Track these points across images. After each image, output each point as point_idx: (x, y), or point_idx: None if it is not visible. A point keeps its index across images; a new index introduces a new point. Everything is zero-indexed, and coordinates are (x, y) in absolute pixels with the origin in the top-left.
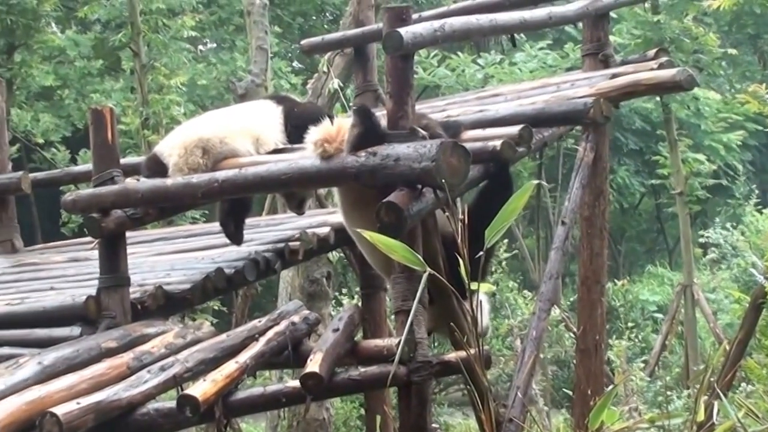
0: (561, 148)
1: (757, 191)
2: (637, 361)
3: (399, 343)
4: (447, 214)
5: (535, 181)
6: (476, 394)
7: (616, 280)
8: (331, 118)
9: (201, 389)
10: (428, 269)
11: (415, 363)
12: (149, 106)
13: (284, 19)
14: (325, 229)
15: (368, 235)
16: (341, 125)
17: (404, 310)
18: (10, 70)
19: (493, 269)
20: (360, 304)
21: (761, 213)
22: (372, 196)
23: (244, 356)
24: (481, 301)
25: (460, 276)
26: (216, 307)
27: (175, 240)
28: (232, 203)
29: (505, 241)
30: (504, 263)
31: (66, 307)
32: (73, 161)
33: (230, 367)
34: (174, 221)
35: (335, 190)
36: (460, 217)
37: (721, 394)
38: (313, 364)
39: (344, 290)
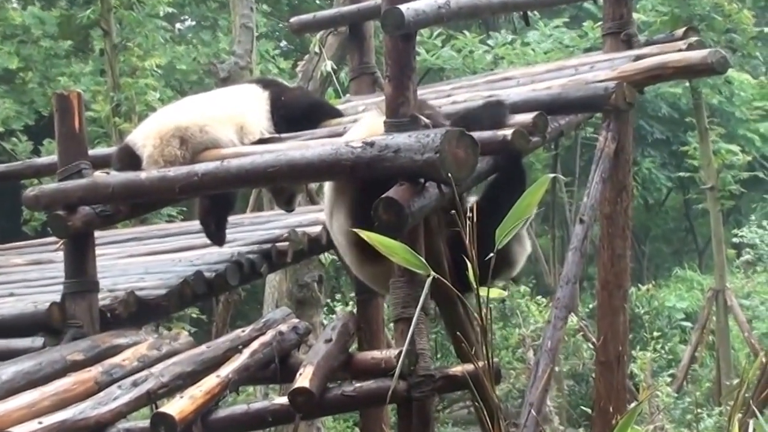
0: (579, 137)
1: None
2: (664, 374)
3: (399, 354)
4: (453, 211)
5: (551, 175)
6: (484, 412)
7: (640, 285)
8: (323, 104)
9: (178, 407)
10: (432, 273)
11: (416, 377)
12: (121, 91)
13: None
14: (317, 229)
15: (366, 235)
16: (372, 124)
17: (405, 318)
18: None
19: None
20: (355, 311)
21: None
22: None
23: (226, 370)
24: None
25: (468, 280)
26: (194, 315)
27: (150, 240)
28: (214, 199)
29: None
30: None
31: (27, 315)
32: (36, 152)
33: (210, 382)
34: (148, 219)
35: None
36: (468, 214)
37: (757, 412)
38: (303, 379)
39: (337, 296)
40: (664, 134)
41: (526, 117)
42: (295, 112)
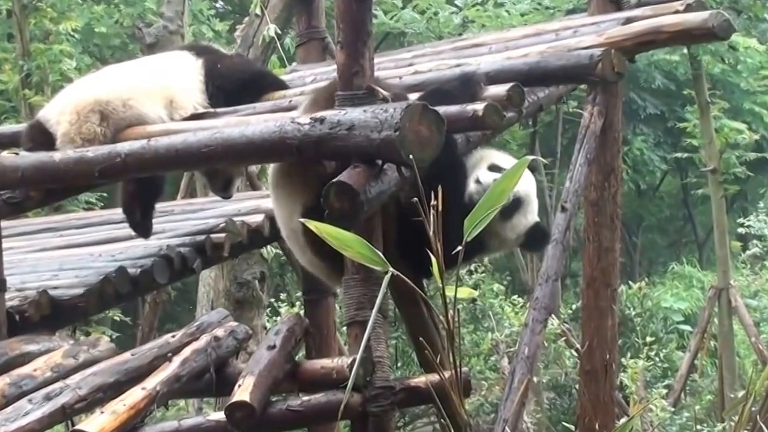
0: (560, 113)
1: None
2: (658, 386)
3: (352, 363)
4: (415, 198)
5: (529, 157)
6: (451, 429)
7: (631, 283)
8: (265, 74)
9: (98, 423)
10: (391, 269)
11: (372, 389)
12: (32, 59)
13: None
14: (258, 218)
15: (314, 225)
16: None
17: (359, 321)
18: None
19: (473, 268)
20: (303, 313)
21: None
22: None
23: (154, 381)
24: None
25: (430, 275)
26: (117, 318)
27: (65, 231)
28: (139, 184)
29: None
30: (487, 261)
31: None
32: None
33: (135, 394)
34: (63, 207)
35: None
36: (433, 202)
37: (765, 429)
38: (243, 392)
39: (282, 296)
40: (659, 109)
41: (500, 89)
42: (233, 84)
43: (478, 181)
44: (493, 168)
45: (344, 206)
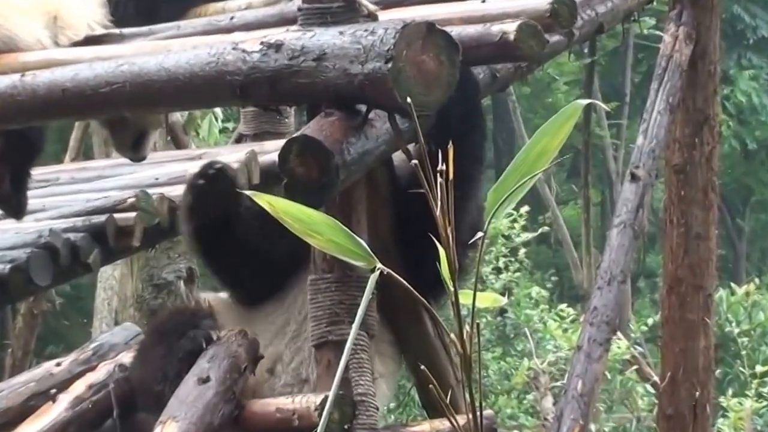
0: (630, 36)
1: None
2: None
3: (323, 403)
4: (414, 162)
5: (583, 101)
6: None
7: (734, 286)
8: None
9: None
10: (380, 265)
11: None
12: None
13: None
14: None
15: (266, 200)
16: None
17: (333, 342)
18: None
19: (502, 264)
20: None
21: None
22: None
23: (31, 430)
24: None
25: (440, 279)
26: None
27: None
28: (8, 139)
29: (523, 208)
30: (522, 253)
31: None
32: None
33: None
34: None
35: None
36: (441, 167)
37: None
38: None
39: None
40: None
41: (540, 1)
42: None
43: None
44: None
45: (311, 173)
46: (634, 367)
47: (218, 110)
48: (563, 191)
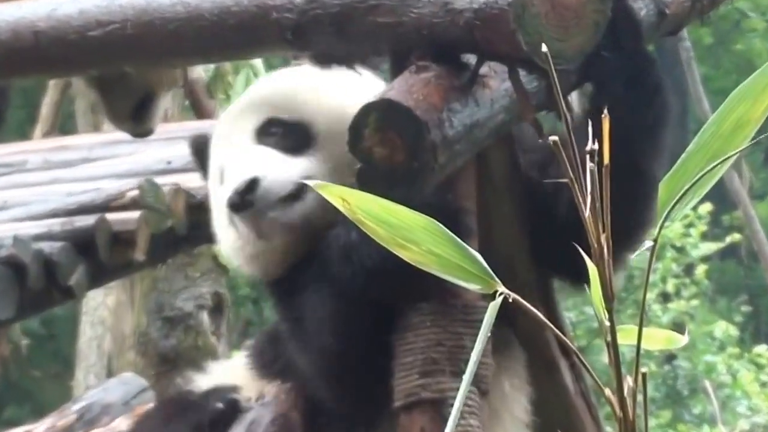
0: None
1: None
2: None
3: None
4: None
5: None
6: None
7: None
8: None
9: None
10: (502, 288)
11: None
12: None
13: None
14: None
15: (338, 195)
16: None
17: (428, 401)
18: None
19: (671, 287)
20: None
21: None
22: None
23: None
24: None
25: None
26: None
27: None
28: None
29: (703, 206)
30: (701, 271)
31: None
32: None
33: None
34: None
35: None
36: (590, 147)
37: None
38: None
39: None
40: None
41: None
42: None
43: None
44: None
45: (396, 155)
46: None
47: (258, 63)
48: (759, 181)
